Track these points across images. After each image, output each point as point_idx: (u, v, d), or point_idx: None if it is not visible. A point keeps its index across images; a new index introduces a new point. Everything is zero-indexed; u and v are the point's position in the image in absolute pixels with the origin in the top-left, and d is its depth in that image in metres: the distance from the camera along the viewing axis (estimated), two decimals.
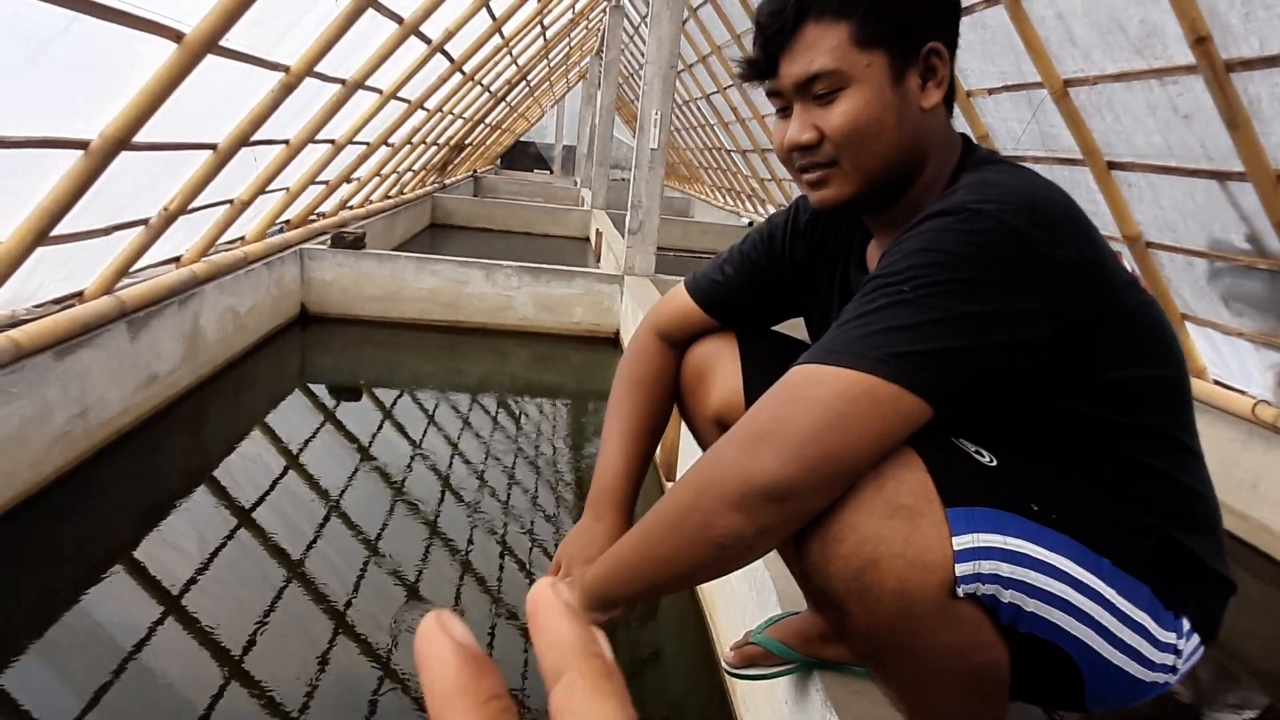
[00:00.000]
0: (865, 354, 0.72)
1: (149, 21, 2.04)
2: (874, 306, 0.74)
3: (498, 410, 3.61)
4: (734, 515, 0.73)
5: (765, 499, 0.72)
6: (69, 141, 2.11)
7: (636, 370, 1.14)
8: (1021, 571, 0.75)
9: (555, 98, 20.50)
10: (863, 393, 0.71)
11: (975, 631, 0.76)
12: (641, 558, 0.82)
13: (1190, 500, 0.87)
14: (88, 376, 2.51)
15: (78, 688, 1.58)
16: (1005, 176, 0.80)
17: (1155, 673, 0.84)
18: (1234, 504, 2.93)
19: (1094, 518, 0.82)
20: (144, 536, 2.18)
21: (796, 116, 0.85)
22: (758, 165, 8.93)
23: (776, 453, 0.71)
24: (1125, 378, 0.82)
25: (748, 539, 0.75)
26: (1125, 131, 2.79)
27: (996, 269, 0.73)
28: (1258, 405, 2.85)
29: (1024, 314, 0.74)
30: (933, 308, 0.72)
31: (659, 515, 0.81)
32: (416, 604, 1.97)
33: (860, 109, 0.81)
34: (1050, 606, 0.77)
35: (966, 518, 0.75)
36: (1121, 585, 0.80)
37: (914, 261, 0.74)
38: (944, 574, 0.74)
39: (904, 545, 0.74)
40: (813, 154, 0.85)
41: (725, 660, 1.27)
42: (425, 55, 4.67)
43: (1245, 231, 2.59)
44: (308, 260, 4.54)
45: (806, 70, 0.82)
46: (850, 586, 0.76)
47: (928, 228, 0.76)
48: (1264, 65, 2.11)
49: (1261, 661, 2.26)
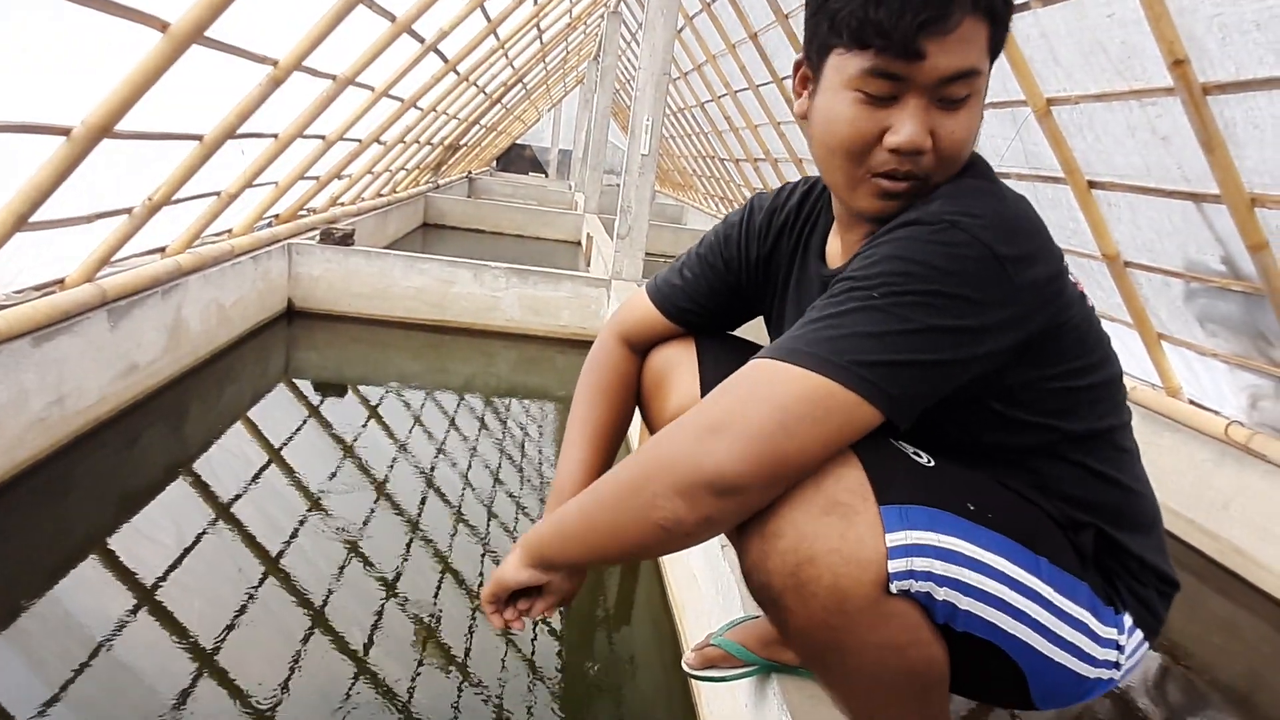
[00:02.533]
0: (829, 358, 0.72)
1: (134, 10, 2.04)
2: (842, 309, 0.74)
3: (483, 411, 3.61)
4: (678, 502, 0.74)
5: (711, 491, 0.73)
6: (51, 128, 2.11)
7: (598, 376, 1.14)
8: (955, 569, 0.76)
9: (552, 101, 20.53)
10: (821, 398, 0.72)
11: (910, 629, 0.77)
12: (585, 524, 0.83)
13: (1127, 499, 0.89)
14: (66, 364, 2.50)
15: (47, 677, 1.57)
16: (981, 187, 0.79)
17: (1099, 669, 0.85)
18: (1205, 524, 2.96)
19: (1030, 517, 0.84)
20: (119, 527, 2.17)
21: (917, 115, 0.76)
22: (750, 174, 8.96)
23: (728, 447, 0.71)
24: (1068, 387, 0.83)
25: (688, 526, 0.75)
26: (1105, 151, 2.82)
27: (967, 284, 0.73)
28: (1230, 426, 2.88)
29: (988, 329, 0.74)
30: (901, 318, 0.72)
31: (607, 486, 0.82)
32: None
33: (974, 122, 0.78)
34: (986, 605, 0.78)
35: (900, 515, 0.76)
36: (1060, 583, 0.82)
37: (886, 269, 0.74)
38: (877, 570, 0.74)
39: (839, 541, 0.75)
40: (915, 162, 0.78)
41: (686, 662, 1.28)
42: (418, 54, 4.68)
43: (1220, 253, 2.63)
44: (295, 255, 4.53)
45: (960, 65, 0.74)
46: (787, 582, 0.76)
47: (903, 235, 0.75)
48: (1239, 89, 2.14)
49: (1230, 680, 2.28)
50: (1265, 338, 2.67)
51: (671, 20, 4.45)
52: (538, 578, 0.91)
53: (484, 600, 0.95)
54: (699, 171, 12.38)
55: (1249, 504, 2.81)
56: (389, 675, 1.70)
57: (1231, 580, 2.79)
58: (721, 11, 6.53)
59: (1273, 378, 2.77)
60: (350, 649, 1.76)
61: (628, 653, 1.99)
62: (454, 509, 2.54)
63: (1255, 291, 2.56)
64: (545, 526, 0.89)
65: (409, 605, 1.97)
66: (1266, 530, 2.73)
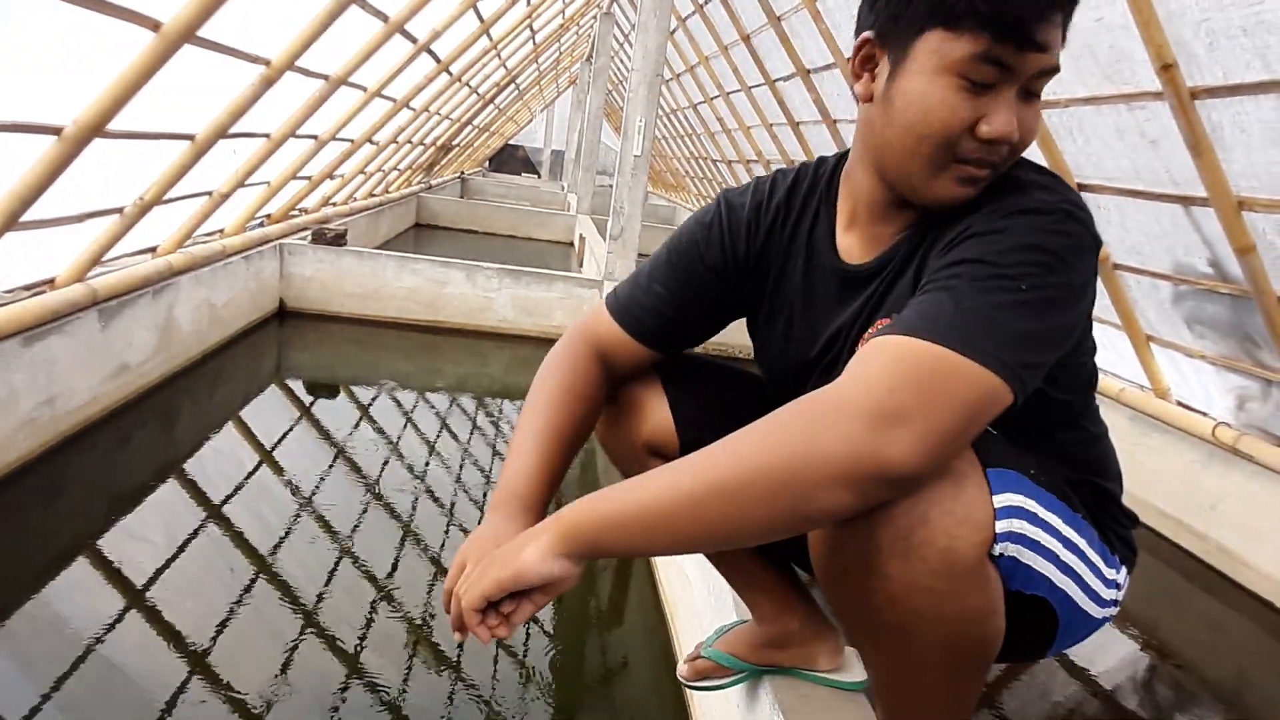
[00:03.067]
0: (1004, 359, 0.70)
1: (126, 10, 2.04)
2: (999, 301, 0.72)
3: (476, 412, 3.61)
4: (844, 493, 0.68)
5: (888, 484, 0.69)
6: (42, 127, 2.11)
7: (568, 378, 1.02)
8: (1032, 530, 0.79)
9: (545, 102, 20.53)
10: (996, 399, 0.71)
11: (994, 597, 0.79)
12: (690, 512, 0.72)
13: (1103, 451, 0.97)
14: (56, 364, 2.49)
15: (37, 679, 1.57)
16: (1056, 179, 0.82)
17: (1105, 608, 0.91)
18: (1193, 524, 2.98)
19: (1058, 478, 0.89)
20: (110, 527, 2.16)
21: (1012, 105, 0.76)
22: (742, 176, 8.98)
23: (911, 443, 0.67)
24: (1081, 363, 0.90)
25: (842, 515, 0.72)
26: (1095, 154, 2.84)
27: (1083, 274, 0.77)
28: (1218, 427, 2.90)
29: (1085, 315, 0.81)
30: (1043, 315, 0.73)
31: (728, 474, 0.71)
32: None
33: (1040, 116, 0.81)
34: (1047, 562, 0.81)
35: (1000, 478, 0.78)
36: (1088, 535, 0.87)
37: (1025, 258, 0.74)
38: (987, 531, 0.76)
39: (953, 503, 0.75)
40: (998, 152, 0.78)
41: (680, 673, 1.28)
42: (411, 54, 4.68)
43: (1208, 256, 2.65)
44: (287, 255, 4.52)
45: (1053, 61, 0.75)
46: (896, 547, 0.75)
47: (1029, 224, 0.75)
48: (1227, 94, 2.16)
49: (1218, 679, 2.30)
50: (1252, 340, 2.70)
51: (664, 22, 4.46)
52: (568, 569, 0.78)
53: (472, 606, 0.80)
54: (691, 173, 12.40)
55: (1236, 505, 2.84)
56: (381, 677, 1.70)
57: (1219, 580, 2.82)
58: (714, 13, 6.55)
59: (1259, 379, 2.79)
60: (342, 650, 1.76)
61: (620, 653, 1.99)
62: (446, 510, 2.54)
63: (1242, 294, 2.58)
64: (594, 510, 0.77)
65: (401, 607, 1.97)
66: (1253, 530, 2.75)
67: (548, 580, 0.78)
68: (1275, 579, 2.65)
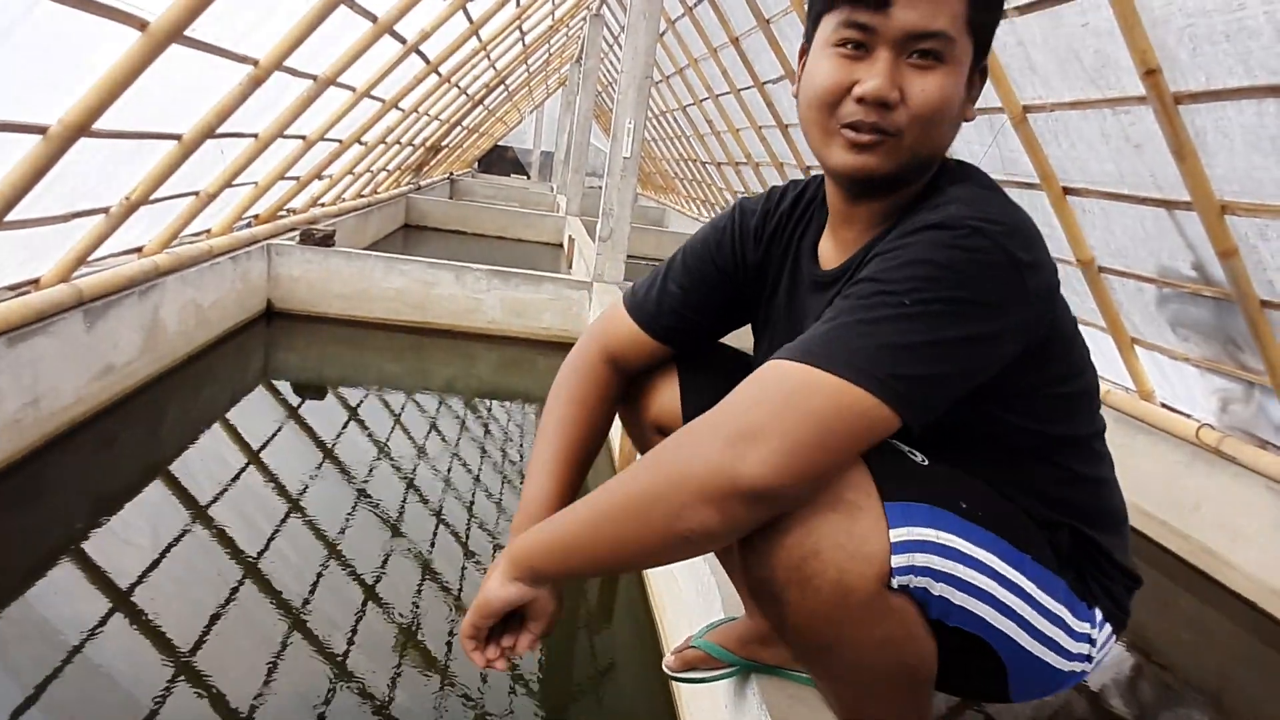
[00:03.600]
0: (868, 370, 0.71)
1: (113, 9, 2.03)
2: (874, 316, 0.73)
3: (464, 413, 3.60)
4: (708, 511, 0.72)
5: (746, 500, 0.71)
6: (27, 126, 2.09)
7: (577, 389, 1.07)
8: (952, 565, 0.78)
9: (534, 103, 20.50)
10: (860, 412, 0.71)
11: (907, 624, 0.79)
12: (593, 535, 0.79)
13: (1099, 499, 0.92)
14: (40, 364, 2.47)
15: (21, 682, 1.56)
16: (991, 195, 0.81)
17: (1072, 662, 0.88)
18: (1176, 525, 3.01)
19: (1014, 516, 0.86)
20: (95, 529, 2.15)
21: (886, 69, 0.77)
22: (731, 178, 9.00)
23: (764, 458, 0.70)
24: (1056, 393, 0.86)
25: (717, 535, 0.74)
26: (1080, 158, 2.86)
27: (990, 290, 0.74)
28: (1201, 429, 2.93)
29: (1003, 335, 0.76)
30: (931, 327, 0.72)
31: (619, 497, 0.78)
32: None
33: (949, 89, 0.78)
34: (977, 600, 0.80)
35: (903, 511, 0.77)
36: (1041, 580, 0.84)
37: (914, 273, 0.74)
38: (881, 565, 0.76)
39: (845, 536, 0.76)
40: (883, 115, 0.78)
41: (666, 664, 1.28)
42: (400, 55, 4.67)
43: (1191, 259, 2.68)
44: (275, 255, 4.50)
45: (928, 25, 0.76)
46: (791, 576, 0.77)
47: (926, 239, 0.75)
48: (1210, 99, 2.19)
49: (1200, 678, 2.32)
50: (1235, 342, 2.73)
51: (654, 24, 4.47)
52: (526, 593, 0.85)
53: (464, 635, 0.88)
54: (681, 174, 12.41)
55: (1219, 505, 2.87)
56: (368, 678, 1.69)
57: (1202, 580, 2.84)
58: (703, 15, 6.56)
59: (1242, 382, 2.82)
60: (329, 652, 1.76)
61: (609, 654, 1.99)
62: (434, 511, 2.53)
63: (1225, 297, 2.61)
64: (535, 538, 0.84)
65: (389, 608, 1.96)
66: (1236, 531, 2.78)
67: (510, 604, 0.86)
68: (1258, 579, 2.67)
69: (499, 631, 0.89)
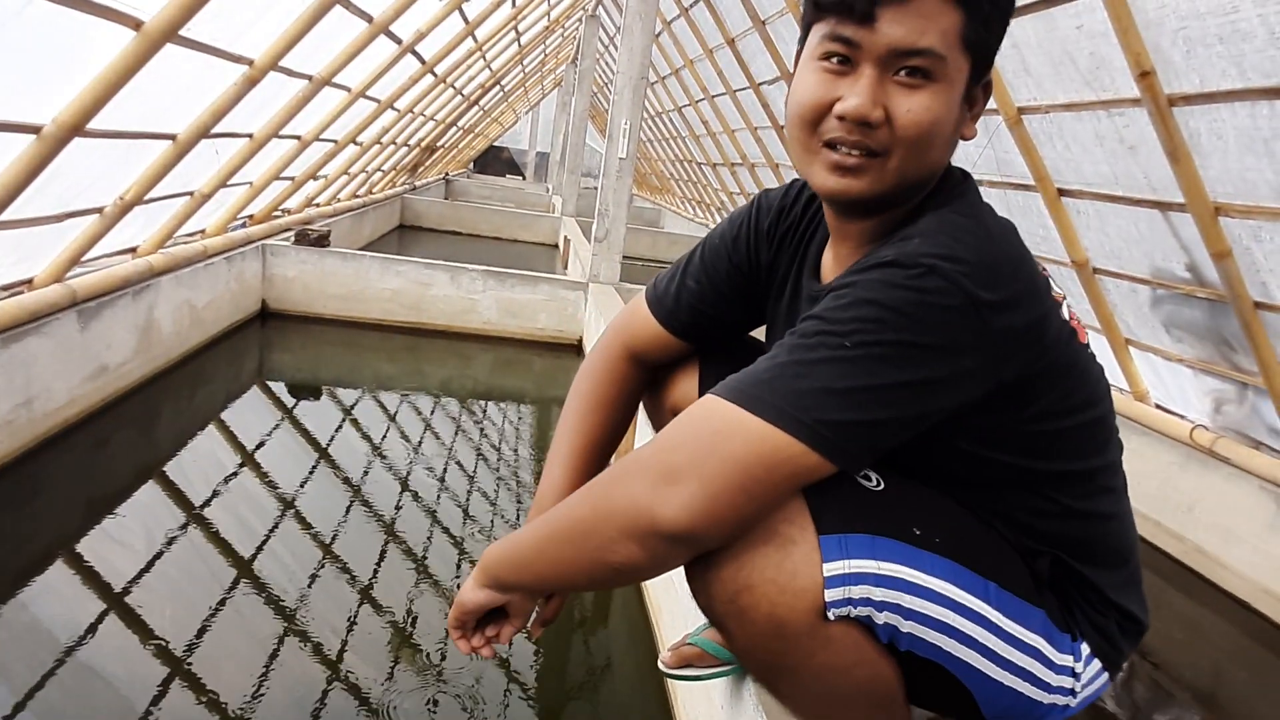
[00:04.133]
0: (794, 415, 0.69)
1: (107, 8, 2.02)
2: (811, 357, 0.71)
3: (459, 414, 3.60)
4: (632, 546, 0.74)
5: (666, 540, 0.72)
6: (21, 126, 2.08)
7: (598, 385, 1.08)
8: (895, 595, 0.77)
9: (530, 104, 20.49)
10: (784, 460, 0.70)
11: (853, 651, 0.78)
12: (538, 555, 0.82)
13: (1093, 534, 0.87)
14: (34, 365, 2.46)
15: (14, 684, 1.55)
16: (962, 223, 0.75)
17: (1053, 695, 0.85)
18: (1170, 525, 3.02)
19: (984, 542, 0.84)
20: (88, 530, 2.14)
21: (869, 86, 0.73)
22: (727, 178, 9.01)
23: (684, 501, 0.70)
24: (1043, 430, 0.81)
25: (643, 569, 0.76)
26: (1075, 160, 2.87)
27: (940, 333, 0.70)
28: (1195, 430, 2.95)
29: (958, 378, 0.72)
30: (869, 371, 0.70)
31: (561, 522, 0.80)
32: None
33: (938, 109, 0.74)
34: (927, 628, 0.79)
35: (840, 544, 0.76)
36: (1010, 609, 0.82)
37: (859, 314, 0.71)
38: (813, 599, 0.75)
39: (776, 571, 0.75)
40: (866, 134, 0.75)
41: (662, 660, 1.28)
42: (395, 55, 4.66)
43: (1185, 261, 2.69)
44: (270, 256, 4.49)
45: (914, 42, 0.71)
46: (728, 608, 0.78)
47: (878, 277, 0.72)
48: (1203, 101, 2.20)
49: (1194, 677, 2.33)
50: (1229, 343, 2.74)
51: (649, 25, 4.47)
52: (495, 598, 0.88)
53: (450, 624, 0.92)
54: (676, 175, 12.42)
55: (1213, 506, 2.88)
56: (363, 678, 1.69)
57: (1196, 580, 2.85)
58: (699, 16, 6.57)
59: (1236, 383, 2.83)
60: (324, 653, 1.75)
61: (604, 655, 1.99)
62: (430, 512, 2.53)
63: (1219, 298, 2.62)
64: (501, 548, 0.87)
65: (383, 609, 1.96)
66: (1229, 532, 2.79)
67: (482, 606, 0.89)
68: (1251, 580, 2.68)
69: (484, 622, 0.93)
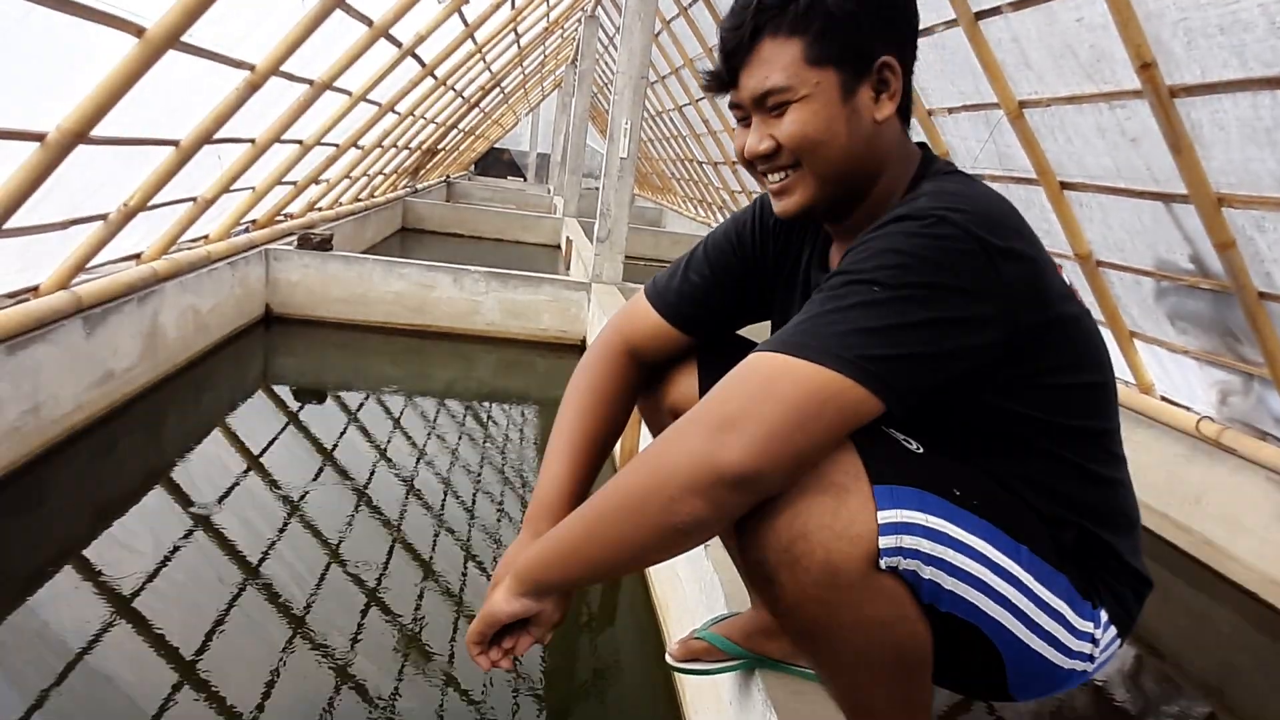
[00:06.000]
0: (838, 353, 0.74)
1: (109, 15, 2.03)
2: (845, 304, 0.76)
3: (464, 415, 3.60)
4: (697, 501, 0.75)
5: (730, 487, 0.74)
6: (24, 133, 2.09)
7: (595, 380, 1.09)
8: (941, 549, 0.79)
9: (530, 105, 20.51)
10: (833, 394, 0.74)
11: (898, 605, 0.80)
12: (589, 541, 0.82)
13: (1109, 499, 0.91)
14: (40, 372, 2.47)
15: (23, 689, 1.55)
16: (964, 187, 0.83)
17: (1073, 660, 0.88)
18: (1177, 517, 3.01)
19: (1014, 508, 0.86)
20: (96, 536, 2.15)
21: (755, 128, 0.88)
22: (728, 177, 9.01)
23: (746, 444, 0.72)
24: (1060, 384, 0.86)
25: (708, 523, 0.77)
26: (1077, 153, 2.87)
27: (960, 275, 0.76)
28: (1201, 421, 2.94)
29: (980, 320, 0.77)
30: (900, 311, 0.75)
31: (611, 499, 0.81)
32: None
33: (808, 121, 0.84)
34: (969, 586, 0.81)
35: (891, 494, 0.79)
36: (1039, 573, 0.84)
37: (882, 261, 0.76)
38: (868, 546, 0.77)
39: (832, 518, 0.77)
40: (773, 160, 0.88)
41: (670, 653, 1.28)
42: (396, 58, 4.67)
43: (1189, 252, 2.68)
44: (273, 260, 4.50)
45: (761, 86, 0.85)
46: (781, 558, 0.79)
47: (895, 230, 0.78)
48: (1205, 92, 2.19)
49: (1202, 669, 2.33)
50: (1233, 334, 2.73)
51: (649, 25, 4.47)
52: (531, 607, 0.89)
53: (470, 640, 0.91)
54: (677, 175, 12.42)
55: (1219, 498, 2.87)
56: (371, 677, 1.69)
57: (1203, 572, 2.85)
58: (698, 15, 6.57)
59: (1241, 374, 2.83)
60: (332, 655, 1.76)
61: (612, 652, 1.99)
62: (435, 514, 2.54)
63: (1223, 289, 2.61)
64: (537, 551, 0.87)
65: (391, 610, 1.96)
66: (1236, 523, 2.78)
67: (516, 617, 0.89)
68: (1259, 571, 2.68)
69: (501, 634, 0.92)
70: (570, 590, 0.92)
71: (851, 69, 0.85)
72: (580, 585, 0.91)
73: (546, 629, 0.93)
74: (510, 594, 0.88)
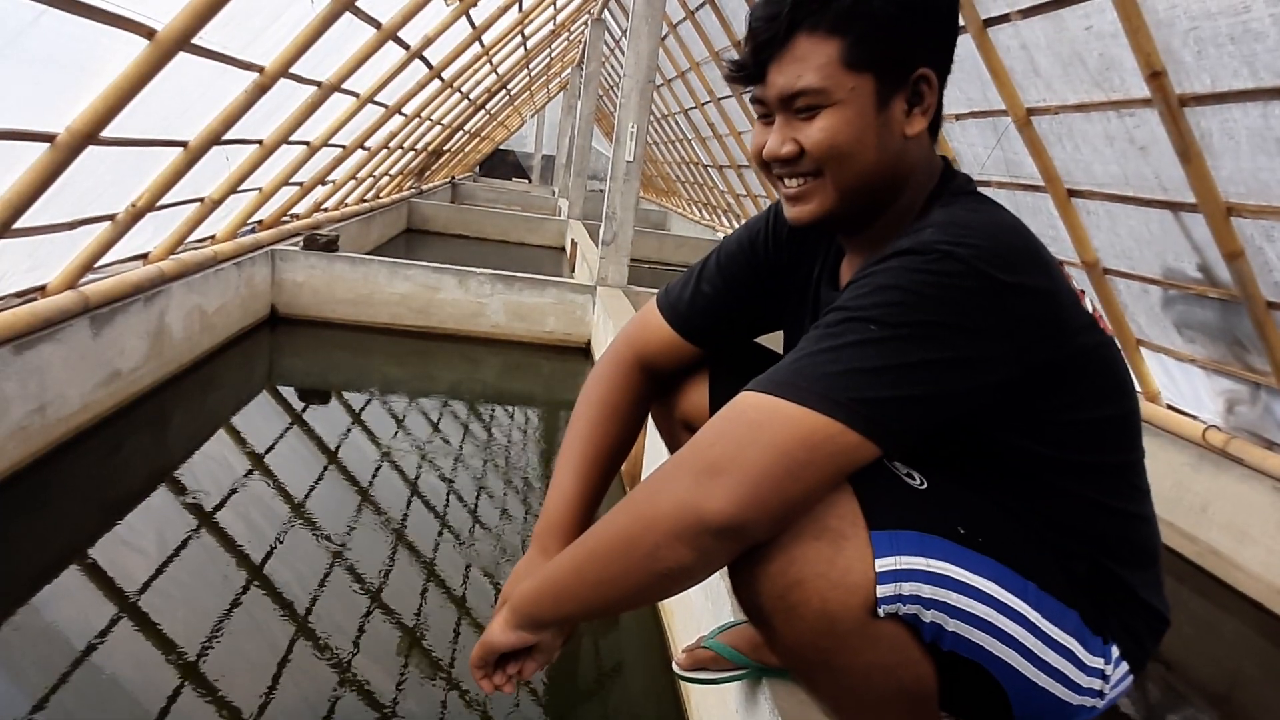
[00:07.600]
0: (830, 395, 0.71)
1: (120, 17, 2.03)
2: (840, 342, 0.73)
3: (468, 417, 3.60)
4: (681, 548, 0.73)
5: (715, 535, 0.72)
6: (35, 134, 2.10)
7: (612, 396, 1.07)
8: (943, 593, 0.77)
9: (535, 107, 20.52)
10: (824, 440, 0.70)
11: (899, 650, 0.78)
12: (578, 580, 0.81)
13: (1127, 533, 0.88)
14: (47, 371, 2.48)
15: (28, 688, 1.56)
16: (975, 216, 0.79)
17: (1082, 696, 0.86)
18: (1184, 526, 3.00)
19: (1023, 542, 0.84)
20: (101, 535, 2.15)
21: (778, 128, 0.83)
22: (733, 180, 9.01)
23: (731, 492, 0.70)
24: (1078, 419, 0.82)
25: (694, 570, 0.75)
26: (1085, 160, 2.86)
27: (963, 314, 0.72)
28: (1208, 430, 2.93)
29: (984, 360, 0.74)
30: (898, 351, 0.71)
31: (600, 540, 0.79)
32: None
33: (839, 129, 0.80)
34: (972, 627, 0.79)
35: (890, 540, 0.76)
36: (1048, 609, 0.82)
37: (882, 299, 0.73)
38: (866, 595, 0.75)
39: (828, 566, 0.75)
40: (794, 166, 0.83)
41: (676, 662, 1.28)
42: (403, 60, 4.68)
43: (1197, 261, 2.68)
44: (279, 261, 4.51)
45: (792, 85, 0.79)
46: (776, 604, 0.77)
47: (897, 265, 0.75)
48: (1215, 101, 2.19)
49: (1208, 679, 2.32)
50: (1241, 343, 2.72)
51: (656, 28, 4.48)
52: (526, 639, 0.88)
53: (472, 665, 0.90)
54: (682, 178, 12.42)
55: (1226, 507, 2.86)
56: (375, 681, 1.69)
57: (1209, 581, 2.84)
58: (705, 19, 6.58)
59: (1249, 383, 2.82)
60: (336, 656, 1.76)
61: (617, 659, 1.99)
62: (439, 516, 2.53)
63: (1231, 298, 2.61)
64: (533, 585, 0.85)
65: (394, 612, 1.96)
66: (1243, 533, 2.77)
67: (513, 647, 0.88)
68: (1265, 581, 2.67)
69: (506, 658, 0.92)
70: (568, 623, 0.91)
71: (890, 78, 0.80)
72: (575, 621, 0.90)
73: (548, 656, 0.92)
74: (507, 625, 0.88)
